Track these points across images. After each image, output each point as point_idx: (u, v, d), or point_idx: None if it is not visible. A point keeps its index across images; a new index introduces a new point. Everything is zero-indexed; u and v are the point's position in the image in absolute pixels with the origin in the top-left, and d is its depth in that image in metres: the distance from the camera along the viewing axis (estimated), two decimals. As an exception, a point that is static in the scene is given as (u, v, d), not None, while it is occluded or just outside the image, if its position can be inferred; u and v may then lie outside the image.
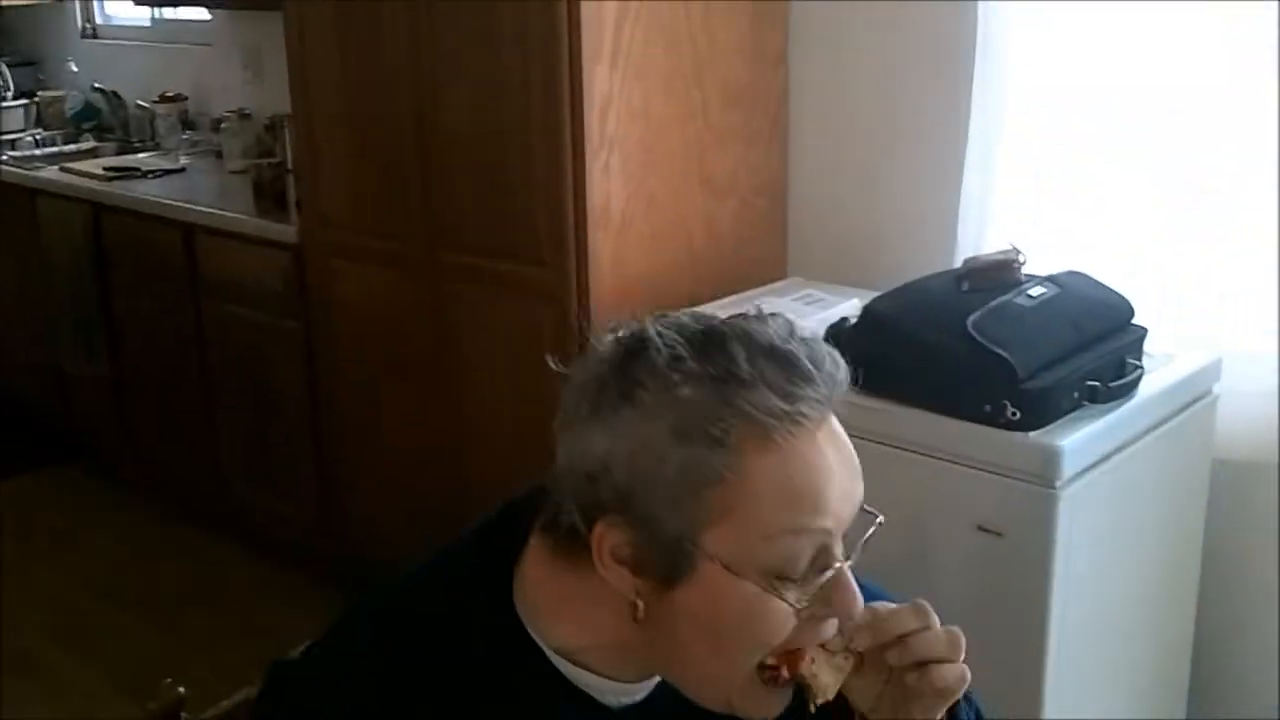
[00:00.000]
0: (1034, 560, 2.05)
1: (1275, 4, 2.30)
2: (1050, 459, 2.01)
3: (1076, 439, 2.05)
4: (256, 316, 3.66)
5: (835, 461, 1.03)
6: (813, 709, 1.07)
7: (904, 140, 2.92)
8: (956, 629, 1.08)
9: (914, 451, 2.17)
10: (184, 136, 4.73)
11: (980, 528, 2.09)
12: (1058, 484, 2.02)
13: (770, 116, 3.08)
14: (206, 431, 4.00)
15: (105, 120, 5.18)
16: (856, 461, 1.06)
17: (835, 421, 1.05)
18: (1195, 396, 2.38)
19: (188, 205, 3.84)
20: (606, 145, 2.71)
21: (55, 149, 5.00)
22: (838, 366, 1.06)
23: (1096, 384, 2.13)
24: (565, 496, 1.05)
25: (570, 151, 2.69)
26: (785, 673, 1.06)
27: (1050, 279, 2.30)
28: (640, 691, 1.15)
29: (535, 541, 1.11)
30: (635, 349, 1.03)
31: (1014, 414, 2.05)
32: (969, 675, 1.08)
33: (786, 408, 1.00)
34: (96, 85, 5.19)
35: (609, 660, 1.11)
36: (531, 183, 2.77)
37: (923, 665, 1.06)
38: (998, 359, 2.06)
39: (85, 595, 3.82)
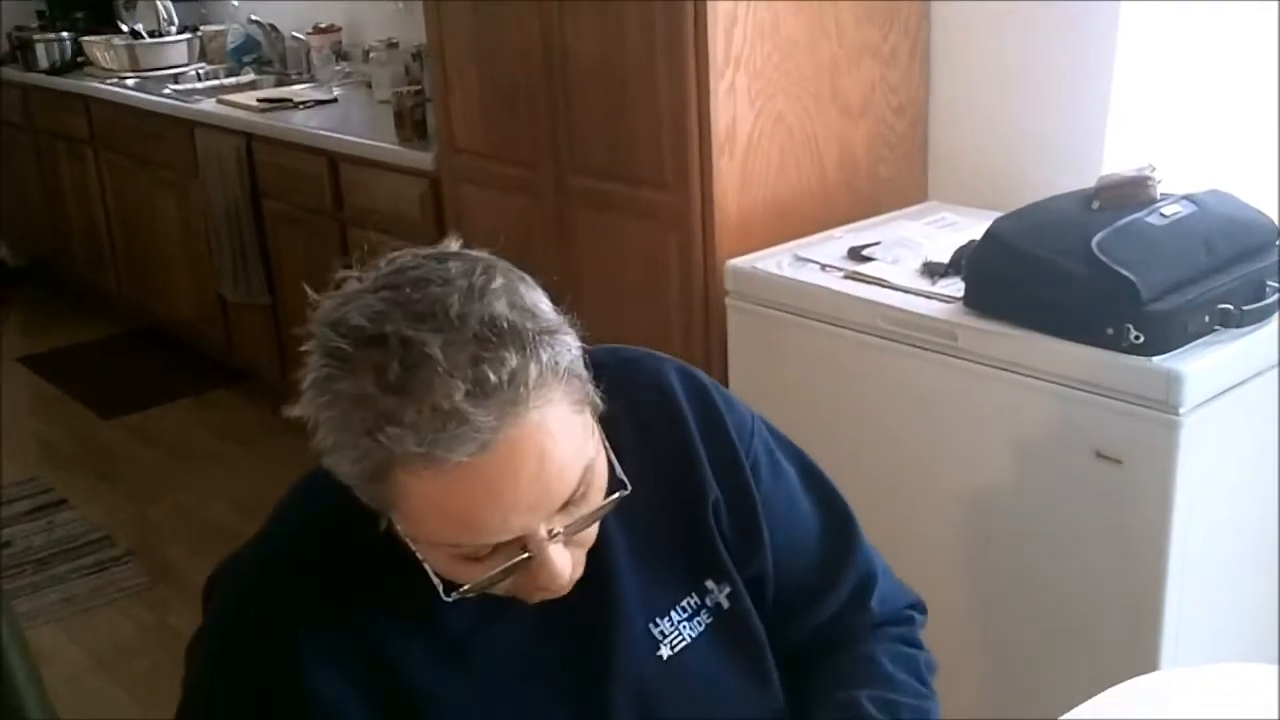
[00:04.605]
0: (1154, 489, 1.96)
1: None
2: (1172, 384, 1.92)
3: (1202, 364, 1.95)
4: (397, 244, 3.67)
5: (500, 481, 1.00)
6: None
7: (1050, 58, 2.79)
8: None
9: (1033, 376, 2.09)
10: (337, 68, 4.77)
11: (1099, 454, 2.01)
12: (1180, 410, 1.92)
13: (910, 34, 2.98)
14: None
15: (264, 53, 5.26)
16: (555, 461, 1.02)
17: (532, 421, 1.00)
18: (1343, 323, 2.24)
19: (330, 134, 3.89)
20: (732, 64, 2.64)
21: (216, 82, 5.10)
22: (522, 371, 0.99)
23: (1229, 307, 2.02)
24: None
25: (694, 71, 2.63)
26: None
27: (1187, 197, 2.18)
28: None
29: None
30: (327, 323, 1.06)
31: (1136, 337, 1.96)
32: None
33: (422, 451, 0.97)
34: (254, 18, 5.27)
35: None
36: (655, 105, 2.72)
37: None
38: (1120, 279, 1.97)
39: (229, 511, 3.93)
